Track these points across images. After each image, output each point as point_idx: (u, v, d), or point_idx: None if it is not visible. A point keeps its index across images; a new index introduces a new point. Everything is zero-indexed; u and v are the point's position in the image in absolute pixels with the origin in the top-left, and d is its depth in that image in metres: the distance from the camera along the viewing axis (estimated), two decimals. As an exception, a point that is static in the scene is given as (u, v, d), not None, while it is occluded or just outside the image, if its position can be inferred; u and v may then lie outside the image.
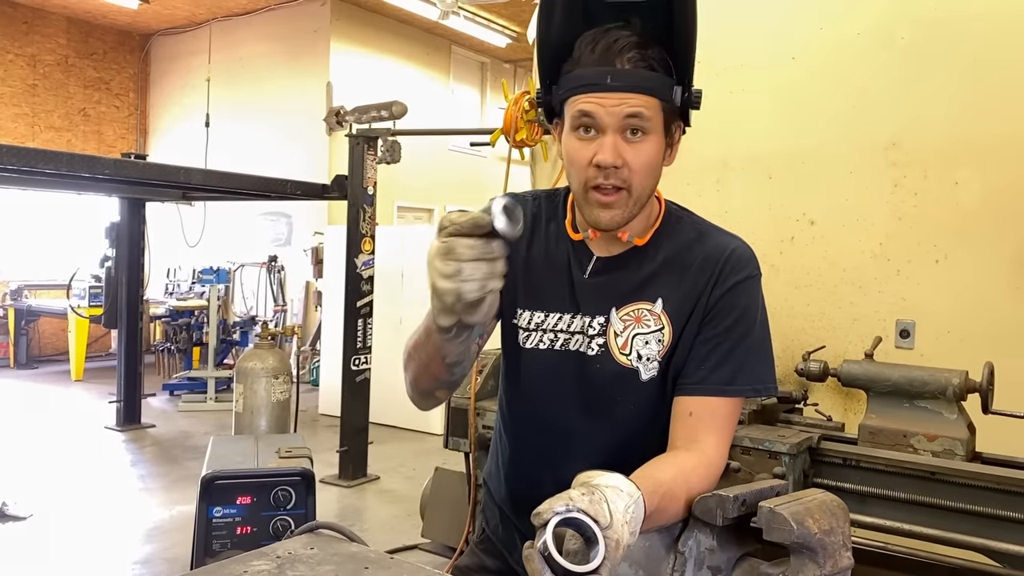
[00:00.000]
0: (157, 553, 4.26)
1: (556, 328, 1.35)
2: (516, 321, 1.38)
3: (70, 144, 10.86)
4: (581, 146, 1.24)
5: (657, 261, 1.32)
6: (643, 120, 1.21)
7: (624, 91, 1.19)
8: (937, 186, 3.00)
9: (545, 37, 1.31)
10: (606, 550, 0.88)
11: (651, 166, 1.24)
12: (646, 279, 1.32)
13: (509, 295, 1.39)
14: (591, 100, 1.21)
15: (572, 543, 0.90)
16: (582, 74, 1.23)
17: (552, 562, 0.86)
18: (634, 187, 1.23)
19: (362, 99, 5.93)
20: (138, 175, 5.51)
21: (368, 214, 5.59)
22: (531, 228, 1.40)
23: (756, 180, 3.36)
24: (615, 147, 1.21)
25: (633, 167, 1.22)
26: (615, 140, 1.21)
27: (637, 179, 1.23)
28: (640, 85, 1.20)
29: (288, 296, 10.00)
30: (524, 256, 1.39)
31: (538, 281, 1.37)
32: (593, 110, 1.21)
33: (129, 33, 11.54)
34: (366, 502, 5.33)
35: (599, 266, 1.34)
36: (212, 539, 2.08)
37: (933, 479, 2.28)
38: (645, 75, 1.21)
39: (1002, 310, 2.87)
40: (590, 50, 1.22)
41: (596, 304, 1.32)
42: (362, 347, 5.58)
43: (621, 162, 1.21)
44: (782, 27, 3.32)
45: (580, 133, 1.23)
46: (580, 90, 1.22)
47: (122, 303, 6.94)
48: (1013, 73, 2.87)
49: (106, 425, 7.02)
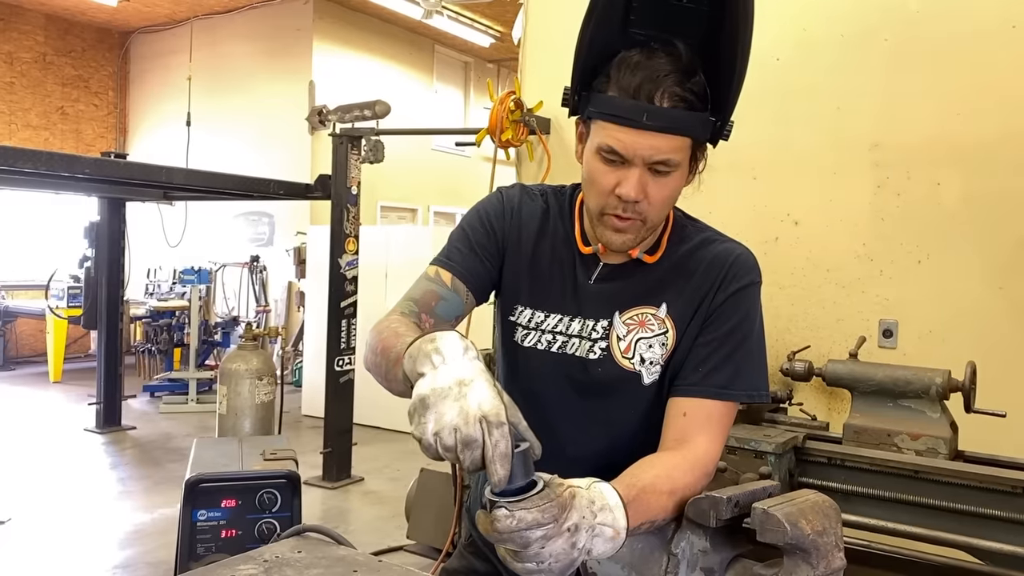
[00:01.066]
0: (139, 557, 4.21)
1: (555, 330, 1.34)
2: (514, 318, 1.37)
3: (48, 143, 10.72)
4: (605, 171, 1.21)
5: (663, 268, 1.32)
6: (671, 164, 1.19)
7: (658, 131, 1.16)
8: (920, 187, 3.03)
9: (587, 38, 1.24)
10: (544, 485, 0.89)
11: (671, 199, 1.25)
12: (652, 285, 1.32)
13: (510, 290, 1.38)
14: (623, 135, 1.17)
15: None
16: (618, 103, 1.18)
17: (492, 503, 0.88)
18: (650, 218, 1.24)
19: (345, 98, 5.90)
20: (119, 174, 5.45)
21: (352, 214, 5.56)
22: (540, 227, 1.38)
23: (741, 181, 3.37)
24: (640, 183, 1.19)
25: (653, 201, 1.21)
26: (641, 175, 1.19)
27: (654, 212, 1.23)
28: (675, 127, 1.17)
29: (270, 296, 9.93)
30: (530, 253, 1.37)
31: (541, 280, 1.36)
32: (623, 148, 1.18)
33: (108, 31, 11.42)
34: (350, 503, 5.30)
35: (605, 272, 1.34)
36: (196, 543, 2.05)
37: (917, 477, 2.30)
38: (681, 116, 1.17)
39: (984, 310, 2.90)
40: (629, 76, 1.17)
41: (599, 308, 1.32)
42: (346, 348, 5.55)
43: (643, 196, 1.20)
44: (766, 28, 3.34)
45: (606, 159, 1.21)
46: (613, 119, 1.18)
47: (102, 304, 6.86)
48: (994, 76, 2.90)
49: (85, 427, 6.94)
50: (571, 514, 0.91)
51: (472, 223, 1.39)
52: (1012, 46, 2.86)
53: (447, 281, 1.32)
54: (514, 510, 0.87)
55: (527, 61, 4.01)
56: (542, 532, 0.88)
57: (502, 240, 1.37)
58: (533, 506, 0.88)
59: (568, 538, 0.91)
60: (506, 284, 1.39)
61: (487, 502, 0.90)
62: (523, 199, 1.41)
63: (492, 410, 0.87)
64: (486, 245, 1.36)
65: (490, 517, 0.89)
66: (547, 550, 0.89)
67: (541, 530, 0.88)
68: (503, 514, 0.88)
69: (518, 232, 1.38)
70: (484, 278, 1.36)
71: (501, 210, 1.39)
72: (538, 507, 0.88)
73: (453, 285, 1.31)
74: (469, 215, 1.41)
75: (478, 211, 1.40)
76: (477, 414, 0.87)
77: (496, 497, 0.89)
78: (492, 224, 1.38)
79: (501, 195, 1.42)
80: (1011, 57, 2.87)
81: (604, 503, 0.96)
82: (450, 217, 11.73)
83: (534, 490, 0.89)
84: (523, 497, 0.88)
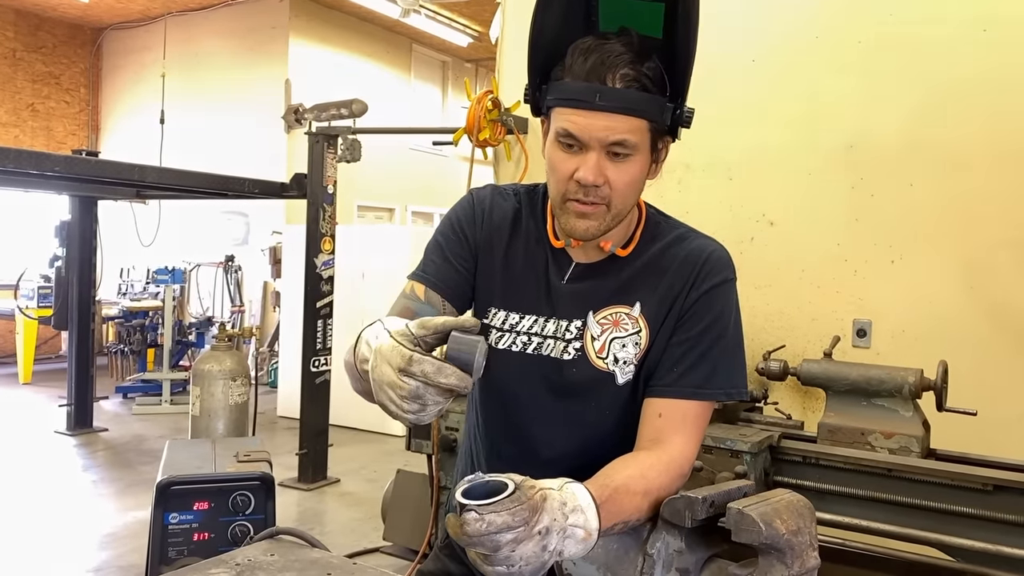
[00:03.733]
0: (111, 561, 4.15)
1: (530, 331, 1.33)
2: (488, 320, 1.36)
3: (17, 140, 10.54)
4: (564, 158, 1.21)
5: (635, 266, 1.31)
6: (628, 146, 1.18)
7: (612, 111, 1.16)
8: (893, 188, 3.06)
9: (539, 33, 1.26)
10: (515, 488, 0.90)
11: (633, 185, 1.23)
12: (625, 284, 1.31)
13: (484, 292, 1.37)
14: (577, 117, 1.17)
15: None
16: (571, 87, 1.18)
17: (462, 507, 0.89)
18: (614, 203, 1.22)
19: (321, 97, 5.85)
20: (90, 173, 5.35)
21: (328, 213, 5.52)
22: (512, 227, 1.38)
23: (717, 181, 3.39)
24: (598, 166, 1.18)
25: (615, 186, 1.20)
26: (599, 159, 1.18)
27: (618, 197, 1.22)
28: (629, 107, 1.16)
29: (246, 296, 9.84)
30: (502, 254, 1.37)
31: (515, 282, 1.35)
32: (578, 131, 1.18)
33: (80, 27, 11.25)
34: (326, 505, 5.26)
35: (578, 272, 1.33)
36: (168, 546, 2.03)
37: (890, 476, 2.32)
38: (635, 96, 1.17)
39: (955, 310, 2.94)
40: (582, 60, 1.17)
41: (573, 308, 1.31)
42: (322, 348, 5.51)
43: (603, 180, 1.19)
44: (742, 30, 3.36)
45: (564, 144, 1.21)
46: (567, 103, 1.18)
47: (73, 304, 6.76)
48: (966, 78, 2.94)
49: (56, 429, 6.83)
50: (542, 516, 0.91)
51: (445, 231, 1.39)
52: (983, 49, 2.90)
53: (420, 295, 1.33)
54: (484, 513, 0.87)
55: (505, 60, 4.01)
56: (512, 535, 0.88)
57: (474, 244, 1.37)
58: (503, 509, 0.88)
59: (539, 540, 0.91)
60: (480, 287, 1.38)
61: (457, 505, 0.90)
62: (494, 200, 1.40)
63: (399, 362, 0.95)
64: (459, 252, 1.37)
65: (460, 520, 0.89)
66: (517, 553, 0.89)
67: (511, 533, 0.88)
68: (472, 517, 0.88)
69: (490, 233, 1.37)
70: (461, 285, 1.36)
71: (472, 214, 1.39)
72: (508, 510, 0.88)
73: (427, 297, 1.33)
74: (442, 223, 1.42)
75: (450, 218, 1.41)
76: (392, 375, 0.96)
77: (466, 500, 0.89)
78: (464, 230, 1.38)
79: (472, 198, 1.42)
80: (982, 60, 2.91)
81: (576, 504, 0.96)
82: (428, 217, 11.69)
83: (504, 492, 0.89)
84: (493, 500, 0.88)
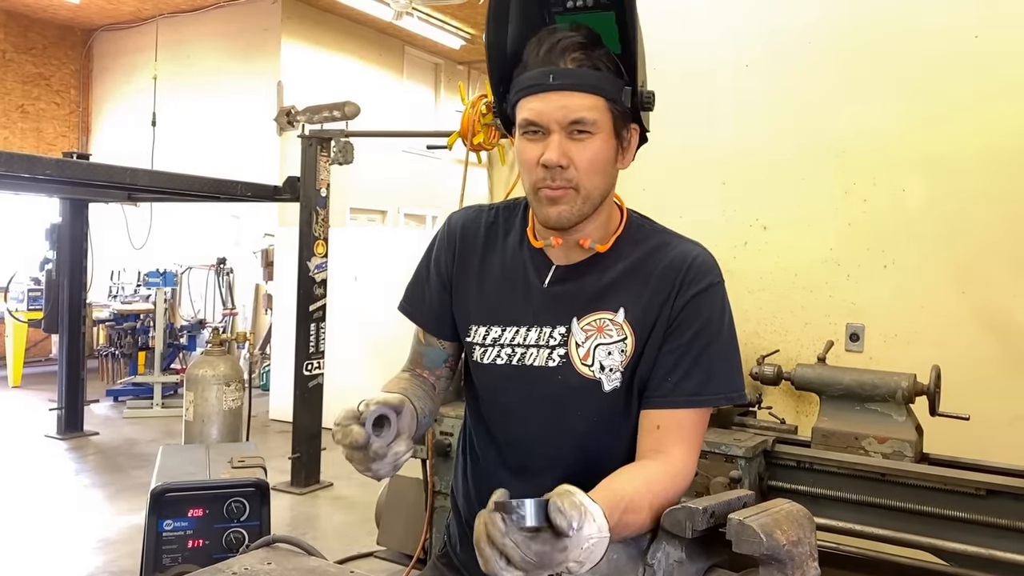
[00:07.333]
0: (103, 567, 4.12)
1: (513, 342, 1.33)
2: (471, 339, 1.37)
3: (7, 142, 10.47)
4: (529, 147, 1.23)
5: (617, 269, 1.30)
6: (587, 123, 1.20)
7: (567, 89, 1.19)
8: (885, 193, 3.08)
9: (495, 45, 1.30)
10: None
11: (598, 164, 1.23)
12: (607, 287, 1.30)
13: (462, 313, 1.38)
14: (535, 103, 1.21)
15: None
16: (527, 77, 1.23)
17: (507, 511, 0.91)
18: (582, 185, 1.23)
19: (314, 99, 5.83)
20: (81, 175, 5.33)
21: (321, 216, 5.51)
22: (485, 241, 1.39)
23: (710, 186, 3.40)
24: (560, 146, 1.20)
25: (579, 166, 1.21)
26: (560, 139, 1.21)
27: (585, 178, 1.22)
28: (583, 83, 1.20)
29: (238, 299, 9.80)
30: (477, 270, 1.38)
31: (493, 295, 1.36)
32: (536, 115, 1.21)
33: (71, 28, 11.19)
34: (319, 509, 5.24)
35: (559, 274, 1.32)
36: (162, 553, 2.01)
37: (883, 480, 2.33)
38: (589, 73, 1.20)
39: (947, 314, 2.95)
40: (535, 52, 1.22)
41: (556, 314, 1.31)
42: (315, 352, 5.49)
43: (567, 161, 1.21)
44: (736, 35, 3.37)
45: (529, 135, 1.23)
46: (525, 92, 1.23)
47: (63, 307, 6.71)
48: (957, 84, 2.96)
49: (46, 433, 6.78)
50: (570, 554, 0.93)
51: (426, 265, 1.45)
52: (975, 55, 2.92)
53: (422, 338, 1.46)
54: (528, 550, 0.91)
55: (498, 65, 4.00)
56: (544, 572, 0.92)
57: (447, 273, 1.41)
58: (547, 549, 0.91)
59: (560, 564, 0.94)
60: (458, 309, 1.40)
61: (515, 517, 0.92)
62: (465, 221, 1.43)
63: (338, 436, 1.12)
64: (438, 287, 1.42)
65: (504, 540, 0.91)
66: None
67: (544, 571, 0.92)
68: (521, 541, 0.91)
69: (463, 256, 1.40)
70: (445, 315, 1.42)
71: (445, 244, 1.43)
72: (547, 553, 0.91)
73: (427, 340, 1.45)
74: (422, 257, 1.47)
75: (428, 253, 1.46)
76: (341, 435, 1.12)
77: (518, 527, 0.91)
78: (440, 260, 1.42)
79: (446, 225, 1.46)
80: (974, 66, 2.92)
81: (600, 537, 0.96)
82: (420, 219, 11.68)
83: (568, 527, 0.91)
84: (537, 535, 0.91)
